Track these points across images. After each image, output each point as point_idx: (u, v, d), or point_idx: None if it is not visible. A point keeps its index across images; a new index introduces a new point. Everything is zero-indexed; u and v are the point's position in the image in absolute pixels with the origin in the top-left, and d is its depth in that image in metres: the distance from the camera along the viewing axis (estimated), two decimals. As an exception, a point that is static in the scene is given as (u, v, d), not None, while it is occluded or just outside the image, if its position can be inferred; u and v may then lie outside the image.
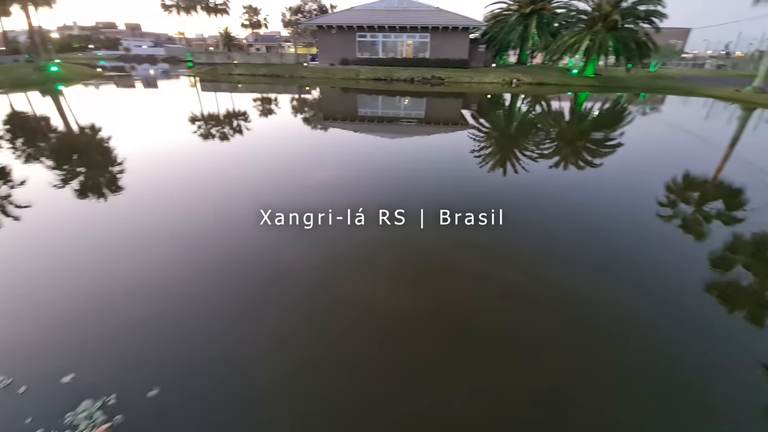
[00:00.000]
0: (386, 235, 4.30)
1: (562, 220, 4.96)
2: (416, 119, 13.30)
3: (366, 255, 3.89)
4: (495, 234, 4.42)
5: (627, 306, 3.19)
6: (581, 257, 4.00)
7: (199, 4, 47.19)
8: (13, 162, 7.17)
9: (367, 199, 5.37)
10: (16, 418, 1.99)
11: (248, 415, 2.10)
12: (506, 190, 6.12)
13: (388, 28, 29.98)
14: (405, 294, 3.27)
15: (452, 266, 3.75)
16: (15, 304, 3.04)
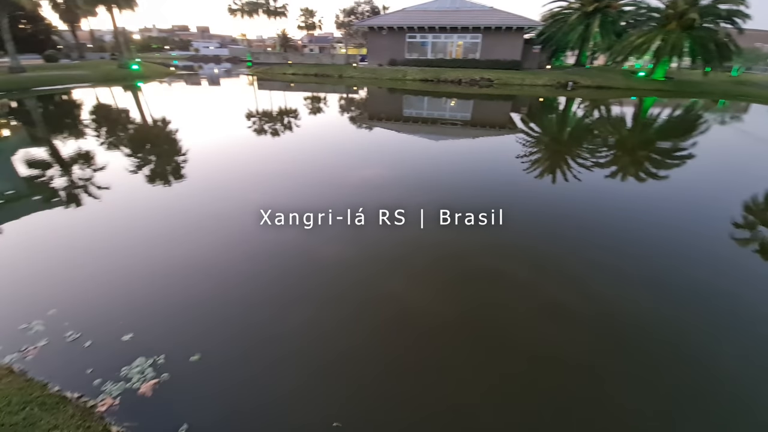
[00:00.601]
0: (425, 235, 4.29)
1: (616, 236, 4.60)
2: (462, 121, 13.06)
3: (402, 254, 3.91)
4: (543, 245, 4.22)
5: (701, 345, 2.90)
6: (642, 277, 3.68)
7: (261, 8, 50.15)
8: (97, 148, 8.16)
9: (408, 199, 5.38)
10: (79, 368, 2.29)
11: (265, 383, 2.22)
12: (554, 198, 5.79)
13: (439, 28, 29.72)
14: (435, 290, 3.25)
15: (494, 270, 3.65)
16: (91, 270, 3.48)
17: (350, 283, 3.36)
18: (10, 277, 3.29)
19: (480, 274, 3.58)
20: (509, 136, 10.52)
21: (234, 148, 8.50)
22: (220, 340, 2.61)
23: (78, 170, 6.64)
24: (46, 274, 3.40)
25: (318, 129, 11.24)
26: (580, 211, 5.25)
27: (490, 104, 18.28)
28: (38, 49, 31.12)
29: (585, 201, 5.69)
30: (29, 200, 5.28)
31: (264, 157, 7.91)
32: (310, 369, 2.39)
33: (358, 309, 3.00)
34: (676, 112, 16.77)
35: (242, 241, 4.09)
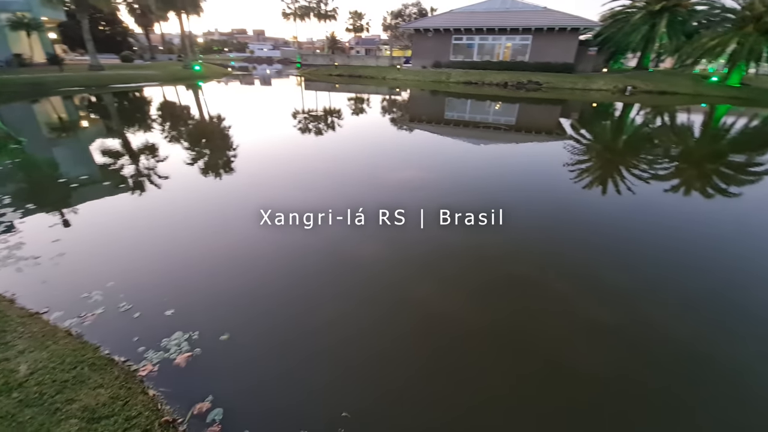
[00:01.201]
0: (463, 238, 4.22)
1: (676, 256, 4.20)
2: (505, 126, 12.63)
3: (436, 254, 3.87)
4: (594, 260, 3.97)
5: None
6: (702, 302, 3.34)
7: (312, 11, 52.11)
8: (160, 141, 8.95)
9: (446, 201, 5.32)
10: (127, 335, 2.53)
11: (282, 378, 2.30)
12: (604, 210, 5.39)
13: (486, 30, 28.98)
14: (474, 294, 3.18)
15: (539, 279, 3.50)
16: (146, 249, 3.83)
17: (385, 283, 3.37)
18: (79, 251, 3.71)
19: (528, 290, 3.44)
20: (557, 143, 9.98)
21: (279, 145, 8.91)
22: (249, 323, 2.75)
23: (143, 160, 7.33)
24: (109, 250, 3.79)
25: (358, 129, 11.44)
26: (632, 226, 4.84)
27: (537, 108, 17.49)
28: (116, 50, 34.80)
29: (639, 215, 5.24)
30: (100, 185, 5.92)
31: (307, 155, 8.20)
32: (337, 360, 2.44)
33: (393, 309, 3.01)
34: (753, 122, 14.94)
35: (282, 235, 4.27)
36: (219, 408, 2.02)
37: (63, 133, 10.05)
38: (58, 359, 2.13)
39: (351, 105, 16.76)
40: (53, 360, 2.12)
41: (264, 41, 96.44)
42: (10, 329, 2.40)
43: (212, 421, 1.95)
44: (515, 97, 20.10)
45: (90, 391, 1.95)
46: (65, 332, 2.44)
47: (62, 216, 4.59)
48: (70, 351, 2.21)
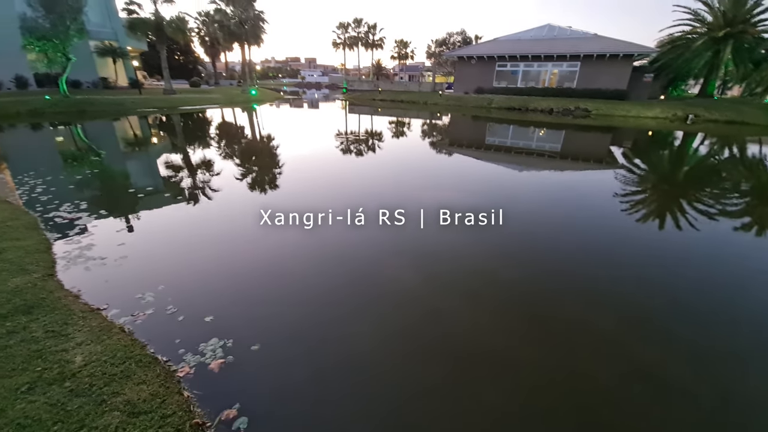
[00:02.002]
0: (499, 267, 4.08)
1: (746, 301, 3.74)
2: (550, 152, 12.23)
3: (472, 280, 3.77)
4: (638, 303, 3.66)
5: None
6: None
7: (360, 41, 55.22)
8: (216, 157, 9.76)
9: (477, 229, 5.22)
10: (171, 337, 2.70)
11: (316, 390, 2.30)
12: (660, 246, 4.94)
13: (532, 57, 28.79)
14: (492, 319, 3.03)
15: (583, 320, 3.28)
16: (195, 257, 4.13)
17: (412, 297, 3.34)
18: (138, 255, 4.08)
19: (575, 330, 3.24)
20: (607, 172, 9.45)
21: (321, 164, 9.32)
22: (280, 336, 2.82)
23: (199, 174, 8.01)
24: (163, 255, 4.13)
25: (397, 150, 11.67)
26: (695, 266, 4.39)
27: (585, 136, 16.80)
28: (186, 76, 39.04)
29: (703, 253, 4.74)
30: (162, 195, 6.53)
31: (346, 173, 8.48)
32: (360, 374, 2.42)
33: (415, 321, 2.96)
34: None
35: (322, 249, 4.40)
36: (245, 417, 2.07)
37: (135, 148, 11.30)
38: (110, 353, 2.32)
39: (391, 128, 17.21)
40: (106, 354, 2.32)
41: (314, 68, 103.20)
42: (72, 322, 2.67)
43: (237, 429, 2.00)
44: (561, 124, 19.50)
45: (134, 386, 2.09)
46: (119, 329, 2.66)
47: (128, 222, 5.10)
48: (122, 347, 2.41)
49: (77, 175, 7.63)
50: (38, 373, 2.16)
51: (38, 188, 6.22)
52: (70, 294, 3.07)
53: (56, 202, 5.56)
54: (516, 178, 8.62)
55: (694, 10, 25.53)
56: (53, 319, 2.63)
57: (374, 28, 54.11)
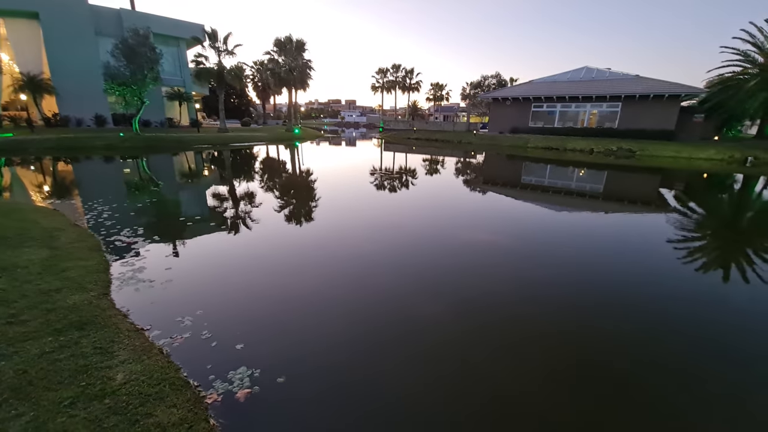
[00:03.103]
0: (541, 319, 3.86)
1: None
2: (591, 193, 11.75)
3: (492, 327, 3.58)
4: (703, 368, 3.27)
5: None
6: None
7: (397, 84, 58.25)
8: (258, 189, 10.40)
9: (522, 273, 5.03)
10: (203, 362, 2.77)
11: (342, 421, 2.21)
12: (724, 302, 4.42)
13: (569, 98, 28.70)
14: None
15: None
16: (232, 284, 4.31)
17: (438, 342, 3.21)
18: (182, 279, 4.33)
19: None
20: (657, 216, 8.83)
21: (354, 199, 9.60)
22: (307, 370, 2.80)
23: (242, 205, 8.54)
24: (204, 280, 4.35)
25: (430, 188, 11.77)
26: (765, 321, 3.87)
27: (630, 177, 16.02)
28: (239, 116, 42.99)
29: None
30: (208, 224, 6.99)
31: (379, 210, 8.63)
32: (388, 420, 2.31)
33: (446, 369, 2.81)
34: None
35: (355, 286, 4.43)
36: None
37: (188, 180, 12.37)
38: (148, 374, 2.42)
39: (425, 165, 17.52)
40: (144, 374, 2.42)
41: (353, 109, 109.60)
42: (118, 340, 2.84)
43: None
44: (603, 164, 18.81)
45: (166, 408, 2.14)
46: (158, 350, 2.78)
47: (175, 248, 5.48)
48: (159, 368, 2.50)
49: (138, 203, 8.43)
50: (82, 388, 2.28)
51: (104, 214, 6.92)
52: (120, 313, 3.29)
53: (118, 226, 6.13)
54: (555, 219, 8.28)
55: (743, 51, 24.56)
56: (102, 336, 2.82)
57: (411, 72, 57.06)
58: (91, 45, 25.30)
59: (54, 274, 3.83)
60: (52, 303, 3.24)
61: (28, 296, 3.34)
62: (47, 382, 2.31)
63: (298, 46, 34.35)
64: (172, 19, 29.51)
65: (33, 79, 23.45)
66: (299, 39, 34.15)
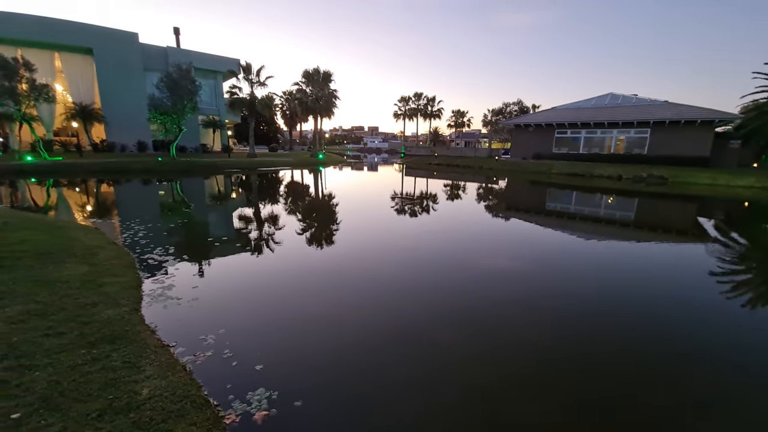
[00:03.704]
0: (567, 355, 3.69)
1: None
2: (621, 221, 11.30)
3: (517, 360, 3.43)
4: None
5: None
6: None
7: (419, 112, 59.69)
8: (281, 212, 10.71)
9: (539, 301, 4.85)
10: (223, 381, 2.80)
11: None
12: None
13: (594, 124, 28.31)
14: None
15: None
16: (254, 304, 4.39)
17: (455, 374, 3.09)
18: (207, 298, 4.45)
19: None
20: (696, 246, 8.33)
21: (374, 223, 9.68)
22: (324, 395, 2.76)
23: (266, 227, 8.80)
24: (228, 300, 4.46)
25: (450, 213, 11.71)
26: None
27: (662, 204, 15.33)
28: (267, 142, 45.08)
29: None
30: (234, 245, 7.23)
31: (398, 234, 8.65)
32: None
33: (459, 398, 2.69)
34: None
35: (374, 310, 4.41)
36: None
37: (217, 202, 12.94)
38: (171, 390, 2.47)
39: (446, 190, 17.52)
40: (168, 390, 2.47)
41: (376, 135, 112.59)
42: (145, 356, 2.93)
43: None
44: (632, 191, 18.14)
45: (186, 426, 2.17)
46: (182, 367, 2.84)
47: (202, 267, 5.68)
48: (182, 385, 2.55)
49: (170, 223, 8.88)
50: (109, 401, 2.35)
51: (140, 233, 7.32)
52: (148, 329, 3.41)
53: (152, 245, 6.46)
54: (583, 247, 7.98)
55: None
56: (131, 350, 2.92)
57: (433, 100, 58.47)
58: (139, 78, 27.72)
59: (91, 289, 4.05)
60: (88, 317, 3.41)
61: (66, 309, 3.53)
62: (78, 394, 2.40)
63: (325, 77, 36.18)
64: (211, 55, 32.06)
65: (84, 109, 25.79)
66: (326, 70, 36.00)
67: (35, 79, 19.72)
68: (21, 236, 5.77)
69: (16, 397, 2.28)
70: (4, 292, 3.75)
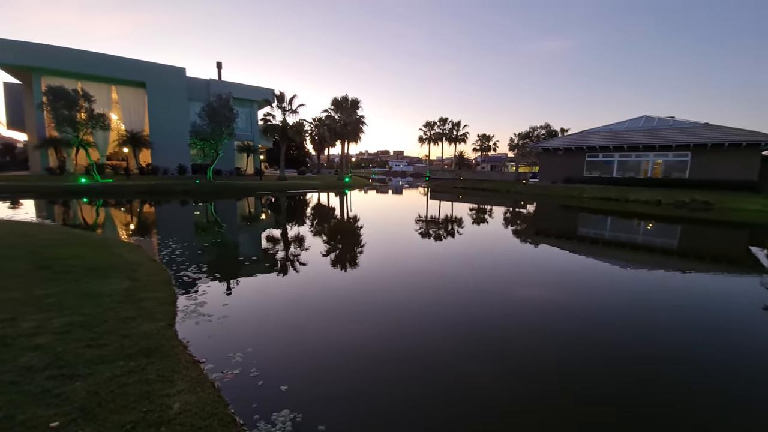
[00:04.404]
0: (594, 395, 3.44)
1: None
2: (663, 249, 10.62)
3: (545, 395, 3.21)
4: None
5: None
6: None
7: (444, 136, 60.25)
8: (308, 233, 10.95)
9: (573, 335, 4.59)
10: (249, 399, 2.81)
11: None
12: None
13: (628, 147, 27.33)
14: None
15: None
16: (282, 324, 4.43)
17: (481, 407, 2.93)
18: (236, 316, 4.56)
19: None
20: (750, 277, 7.62)
21: (400, 246, 9.65)
22: (349, 422, 2.69)
23: (293, 248, 9.00)
24: (256, 319, 4.54)
25: (476, 237, 11.48)
26: None
27: (708, 232, 14.29)
28: (296, 166, 46.84)
29: None
30: (262, 264, 7.42)
31: (425, 257, 8.56)
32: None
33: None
34: None
35: (395, 336, 4.34)
36: None
37: (248, 223, 13.44)
38: (200, 406, 2.51)
39: (471, 214, 17.29)
40: (197, 406, 2.51)
41: (401, 159, 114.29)
42: (178, 370, 3.00)
43: None
44: (674, 217, 17.09)
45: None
46: (211, 383, 2.89)
47: (231, 286, 5.85)
48: (210, 402, 2.58)
49: (204, 242, 9.29)
50: (143, 414, 2.41)
51: (177, 251, 7.69)
52: (181, 344, 3.52)
53: (186, 263, 6.75)
54: (622, 277, 7.50)
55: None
56: (165, 365, 3.01)
57: (458, 125, 58.97)
58: (184, 107, 30.11)
59: (131, 304, 4.26)
60: (128, 330, 3.57)
61: (108, 322, 3.73)
62: (114, 405, 2.48)
63: (353, 104, 37.68)
64: (248, 86, 34.41)
65: (135, 135, 28.15)
66: (354, 98, 37.57)
67: (93, 109, 21.92)
68: (72, 252, 6.23)
69: (56, 406, 2.38)
70: (53, 304, 4.03)
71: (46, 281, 4.72)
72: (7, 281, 4.62)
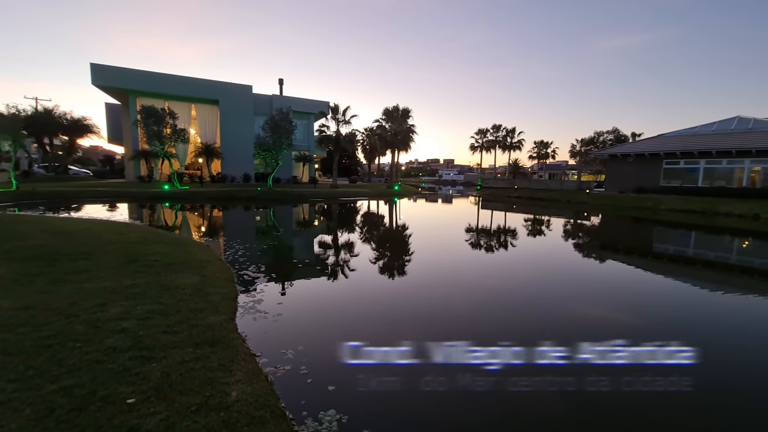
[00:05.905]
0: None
1: None
2: (762, 271, 9.05)
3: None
4: None
5: None
6: None
7: (498, 144, 58.13)
8: (358, 240, 11.19)
9: (655, 372, 4.08)
10: (298, 395, 2.92)
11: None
12: None
13: (717, 153, 23.88)
14: None
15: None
16: (332, 325, 4.57)
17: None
18: (290, 314, 4.79)
19: None
20: None
21: (449, 256, 9.43)
22: (394, 427, 2.66)
23: (343, 253, 9.26)
24: (307, 318, 4.74)
25: (533, 251, 10.80)
26: None
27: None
28: (348, 174, 48.38)
29: None
30: (314, 267, 7.74)
31: (475, 270, 8.26)
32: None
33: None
34: None
35: (442, 349, 4.23)
36: None
37: (303, 228, 14.14)
38: (255, 397, 2.66)
39: (527, 225, 16.34)
40: (252, 396, 2.67)
41: (452, 168, 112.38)
42: (237, 361, 3.22)
43: None
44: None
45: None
46: (265, 376, 3.06)
47: (286, 286, 6.18)
48: (263, 393, 2.73)
49: (264, 244, 9.96)
50: (206, 398, 2.62)
51: (240, 251, 8.35)
52: (240, 337, 3.79)
53: (247, 263, 7.30)
54: (714, 301, 6.51)
55: None
56: (226, 355, 3.26)
57: (513, 132, 56.54)
58: (250, 121, 32.93)
59: (200, 297, 4.70)
60: (196, 320, 3.94)
61: (181, 312, 4.14)
62: (182, 387, 2.73)
63: (404, 113, 38.06)
64: (306, 99, 36.60)
65: (208, 147, 31.37)
66: (405, 107, 37.93)
67: (177, 125, 24.95)
68: (155, 249, 7.07)
69: (134, 384, 2.68)
70: (138, 293, 4.58)
71: (134, 273, 5.39)
72: (103, 272, 5.37)
